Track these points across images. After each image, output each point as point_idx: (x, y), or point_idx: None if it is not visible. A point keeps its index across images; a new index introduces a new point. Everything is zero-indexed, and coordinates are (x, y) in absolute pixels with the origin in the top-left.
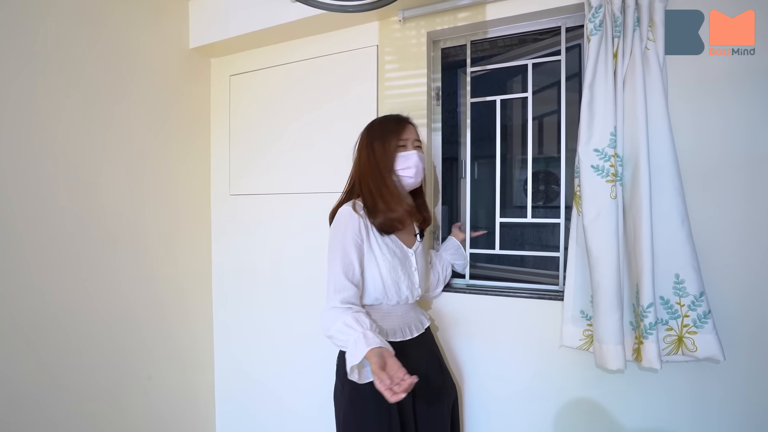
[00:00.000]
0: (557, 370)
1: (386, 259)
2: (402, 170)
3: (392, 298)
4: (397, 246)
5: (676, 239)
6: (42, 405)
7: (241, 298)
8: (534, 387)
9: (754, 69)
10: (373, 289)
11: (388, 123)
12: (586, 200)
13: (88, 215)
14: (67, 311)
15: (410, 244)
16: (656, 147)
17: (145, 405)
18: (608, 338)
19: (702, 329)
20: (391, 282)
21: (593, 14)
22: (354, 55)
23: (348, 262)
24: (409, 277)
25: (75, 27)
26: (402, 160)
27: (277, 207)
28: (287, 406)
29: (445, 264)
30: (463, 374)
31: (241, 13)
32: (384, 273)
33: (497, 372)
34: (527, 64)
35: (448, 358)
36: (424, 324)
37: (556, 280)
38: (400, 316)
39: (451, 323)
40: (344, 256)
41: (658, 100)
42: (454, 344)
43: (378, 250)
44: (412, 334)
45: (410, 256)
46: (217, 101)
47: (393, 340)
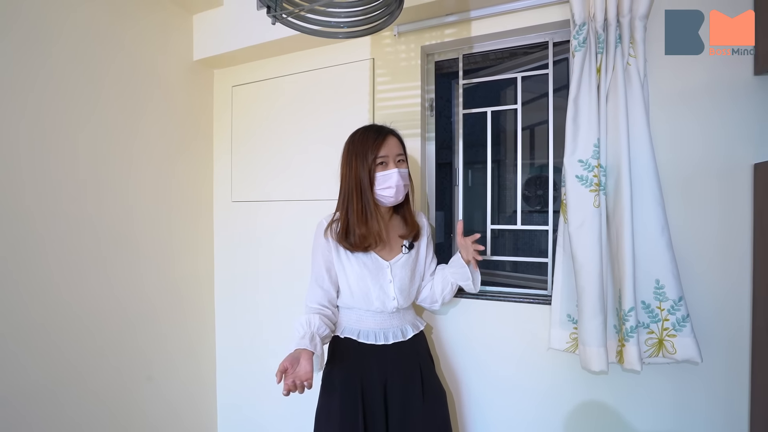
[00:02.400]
0: (545, 371)
1: (354, 270)
2: (381, 190)
3: (361, 306)
4: (369, 258)
5: (656, 246)
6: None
7: (242, 299)
8: (523, 387)
9: (730, 83)
10: (344, 294)
11: (368, 137)
12: (572, 209)
13: (98, 221)
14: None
15: (390, 257)
16: (637, 158)
17: (155, 396)
18: (591, 341)
19: (681, 332)
20: (359, 291)
21: (577, 31)
22: (350, 68)
23: (317, 270)
24: (381, 288)
25: (91, 44)
26: (381, 180)
27: (276, 213)
28: (282, 401)
29: (446, 282)
30: (455, 376)
31: (243, 27)
32: (352, 282)
33: (488, 373)
34: (517, 77)
35: (440, 360)
36: (407, 333)
37: (546, 285)
38: (377, 322)
39: (443, 326)
40: (315, 264)
41: (639, 114)
42: (447, 346)
43: (346, 261)
44: (387, 340)
45: (385, 268)
46: (219, 111)
47: (364, 342)
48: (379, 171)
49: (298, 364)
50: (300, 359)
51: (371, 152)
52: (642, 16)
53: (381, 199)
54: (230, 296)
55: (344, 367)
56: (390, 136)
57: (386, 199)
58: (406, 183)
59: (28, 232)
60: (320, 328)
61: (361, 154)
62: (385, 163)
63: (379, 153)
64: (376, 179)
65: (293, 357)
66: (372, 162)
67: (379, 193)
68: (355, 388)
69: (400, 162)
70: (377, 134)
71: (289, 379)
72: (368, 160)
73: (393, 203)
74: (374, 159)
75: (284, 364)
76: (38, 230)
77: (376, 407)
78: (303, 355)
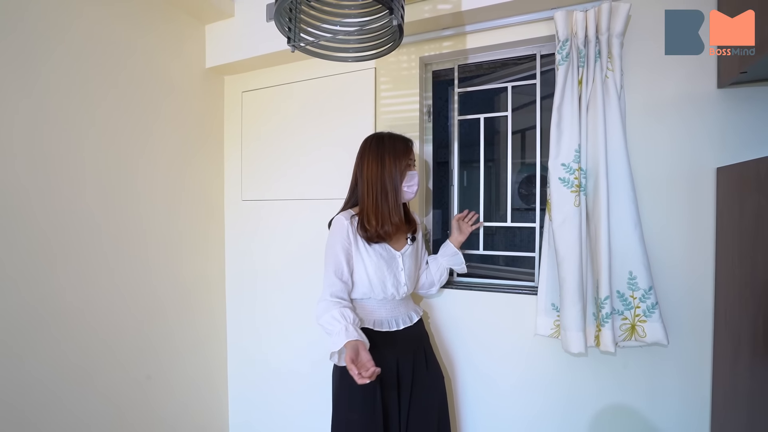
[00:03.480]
0: (532, 355)
1: (372, 260)
2: (408, 187)
3: (378, 294)
4: (384, 249)
5: (629, 241)
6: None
7: (251, 295)
8: (512, 371)
9: (697, 95)
10: (361, 285)
11: (399, 143)
12: (555, 207)
13: (110, 221)
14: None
15: (399, 248)
16: (614, 162)
17: (166, 394)
18: (571, 326)
19: (650, 318)
20: (377, 280)
21: (561, 46)
22: (354, 76)
23: (338, 263)
24: (395, 276)
25: (110, 52)
26: (409, 178)
27: (284, 211)
28: (295, 391)
29: (441, 268)
30: (452, 361)
31: (252, 37)
32: (370, 272)
33: (481, 358)
34: (507, 86)
35: (438, 347)
36: (412, 318)
37: (533, 277)
38: (389, 309)
39: (440, 316)
40: (335, 257)
41: (615, 122)
42: (444, 334)
43: (365, 253)
44: (398, 326)
45: (397, 258)
46: (230, 115)
47: (380, 330)
48: (409, 170)
49: (358, 355)
50: (359, 351)
51: (404, 155)
52: (618, 33)
53: (406, 195)
54: (240, 288)
55: None
56: (412, 143)
57: (409, 195)
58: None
59: (41, 232)
60: (355, 320)
61: (395, 155)
62: (411, 165)
63: (411, 156)
64: (407, 178)
65: (353, 352)
66: (405, 163)
67: (406, 190)
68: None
69: (415, 166)
70: (404, 141)
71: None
72: (402, 163)
73: (412, 198)
74: (407, 161)
75: (350, 364)
76: (52, 230)
77: (391, 389)
78: (360, 346)
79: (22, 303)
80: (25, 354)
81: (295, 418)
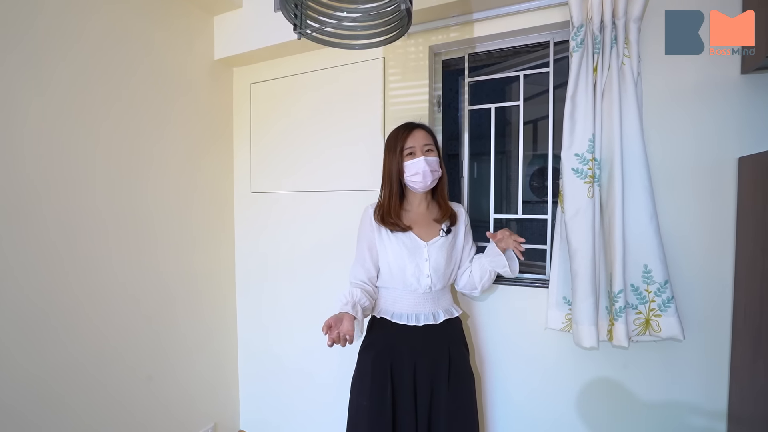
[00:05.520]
0: (543, 348)
1: (393, 248)
2: (410, 176)
3: (398, 283)
4: (408, 237)
5: (645, 233)
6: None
7: (261, 286)
8: (524, 364)
9: (719, 82)
10: (384, 272)
11: (398, 131)
12: (567, 199)
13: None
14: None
15: (427, 238)
16: (629, 152)
17: (176, 384)
18: (583, 320)
19: (666, 313)
20: (396, 268)
21: (575, 33)
22: (363, 66)
23: (361, 249)
24: (417, 266)
25: (124, 47)
26: (409, 168)
27: (292, 203)
28: (306, 383)
29: (483, 269)
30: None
31: (261, 28)
32: (390, 259)
33: (489, 350)
34: (519, 75)
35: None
36: (438, 317)
37: (544, 270)
38: (410, 303)
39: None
40: (359, 244)
41: (632, 111)
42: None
43: (387, 241)
44: (418, 322)
45: (422, 248)
46: (238, 107)
47: (397, 322)
48: (407, 160)
49: (341, 323)
50: (343, 320)
51: (399, 144)
52: (636, 18)
53: (411, 185)
54: (250, 278)
55: (377, 344)
56: (417, 128)
57: (416, 185)
58: (434, 169)
59: (50, 227)
60: (361, 299)
61: (392, 146)
62: (413, 153)
63: (405, 144)
64: (405, 168)
65: (337, 317)
66: (400, 153)
67: (408, 180)
68: (385, 365)
69: (429, 151)
70: (405, 128)
71: (334, 332)
72: (396, 152)
73: (424, 189)
74: (401, 150)
75: (329, 321)
76: (61, 225)
77: (405, 386)
78: (345, 317)
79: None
80: (33, 352)
81: (307, 412)
